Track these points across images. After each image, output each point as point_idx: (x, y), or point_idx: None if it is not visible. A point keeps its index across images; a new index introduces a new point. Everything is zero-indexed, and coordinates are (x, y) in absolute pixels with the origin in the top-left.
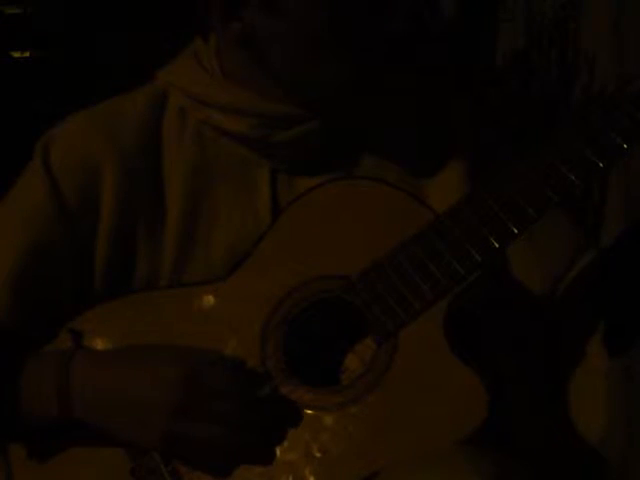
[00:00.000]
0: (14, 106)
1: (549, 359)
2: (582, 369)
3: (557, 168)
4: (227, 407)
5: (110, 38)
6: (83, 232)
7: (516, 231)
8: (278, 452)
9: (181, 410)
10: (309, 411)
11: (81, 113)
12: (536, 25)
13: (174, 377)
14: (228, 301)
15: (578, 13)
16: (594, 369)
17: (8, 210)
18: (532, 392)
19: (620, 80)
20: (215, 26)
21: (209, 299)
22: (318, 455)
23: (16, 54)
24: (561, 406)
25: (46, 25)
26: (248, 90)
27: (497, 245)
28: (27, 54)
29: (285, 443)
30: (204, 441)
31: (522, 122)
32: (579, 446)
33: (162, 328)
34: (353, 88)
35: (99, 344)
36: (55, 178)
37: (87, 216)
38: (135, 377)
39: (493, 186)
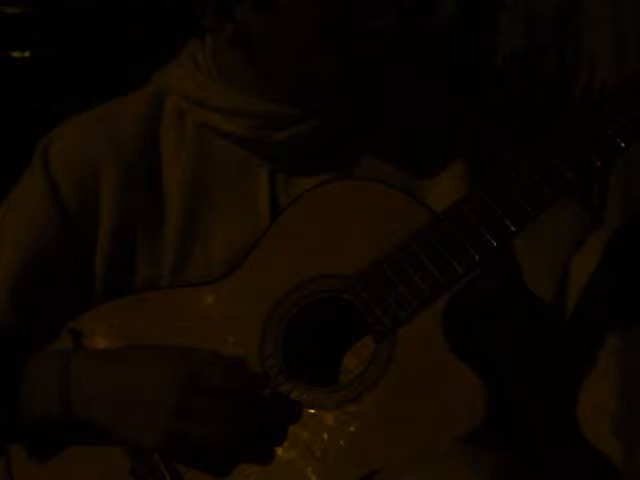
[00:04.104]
0: (14, 106)
1: (552, 358)
2: (588, 369)
3: (556, 167)
4: (226, 406)
5: (110, 38)
6: (83, 234)
7: (514, 229)
8: (278, 451)
9: (180, 410)
10: (308, 410)
11: (80, 116)
12: (536, 25)
13: (173, 377)
14: (228, 300)
15: (578, 13)
16: (600, 370)
17: (8, 212)
18: (533, 391)
19: (620, 80)
20: (210, 27)
21: (209, 299)
22: (318, 454)
23: (16, 54)
24: (564, 406)
25: (46, 25)
26: (245, 91)
27: (495, 244)
28: (27, 54)
29: (285, 442)
30: (203, 440)
31: (522, 122)
32: (581, 446)
33: (162, 327)
34: (350, 87)
35: (100, 344)
36: (55, 181)
37: (87, 218)
38: (135, 377)
39: (491, 185)
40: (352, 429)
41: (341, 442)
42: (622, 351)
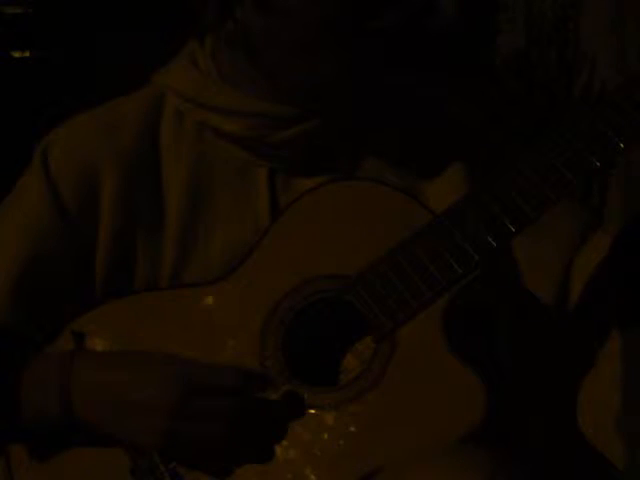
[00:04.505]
0: (14, 106)
1: (553, 359)
2: (589, 369)
3: (555, 167)
4: (226, 406)
5: (110, 38)
6: (83, 235)
7: (514, 230)
8: (278, 451)
9: (180, 410)
10: (309, 410)
11: (79, 116)
12: (536, 25)
13: (173, 377)
14: (228, 301)
15: (578, 13)
16: (601, 370)
17: (8, 213)
18: (533, 391)
19: (620, 80)
20: (210, 26)
21: (209, 299)
22: (318, 454)
23: (16, 54)
24: (564, 406)
25: (46, 25)
26: (245, 91)
27: (495, 244)
28: (27, 54)
29: (285, 442)
30: (204, 440)
31: (522, 122)
32: (582, 446)
33: (162, 328)
34: (350, 87)
35: (100, 345)
36: (54, 181)
37: (87, 219)
38: (135, 378)
39: (491, 185)
40: (352, 429)
41: (341, 442)
42: (624, 351)
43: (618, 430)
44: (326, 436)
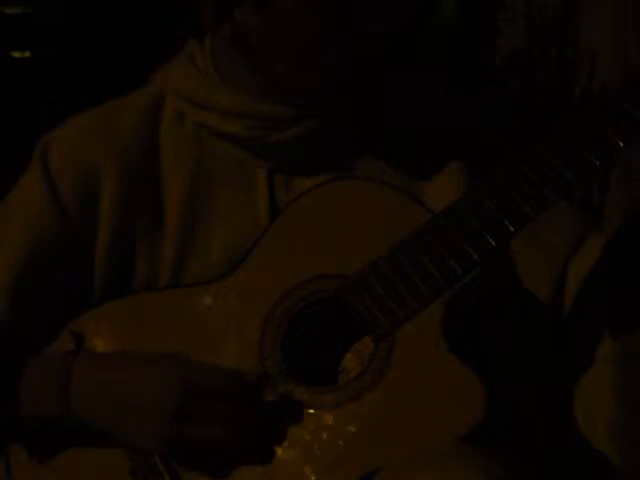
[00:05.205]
0: (14, 106)
1: (551, 358)
2: (586, 369)
3: (555, 167)
4: (226, 407)
5: (110, 38)
6: (82, 234)
7: (513, 229)
8: (278, 451)
9: (180, 411)
10: (308, 410)
11: (80, 116)
12: (536, 25)
13: (173, 378)
14: (227, 301)
15: (578, 13)
16: (598, 369)
17: (7, 213)
18: (533, 391)
19: (620, 80)
20: (209, 27)
21: (208, 299)
22: (317, 454)
23: (16, 54)
24: (561, 406)
25: (46, 25)
26: (244, 91)
27: (494, 244)
28: (27, 54)
29: (284, 442)
30: (203, 442)
31: (522, 122)
32: (579, 446)
33: (162, 328)
34: (350, 88)
35: (99, 345)
36: (54, 181)
37: (86, 218)
38: (135, 379)
39: (491, 185)
40: (352, 429)
41: (341, 442)
42: (620, 352)
43: (614, 431)
44: (326, 436)
